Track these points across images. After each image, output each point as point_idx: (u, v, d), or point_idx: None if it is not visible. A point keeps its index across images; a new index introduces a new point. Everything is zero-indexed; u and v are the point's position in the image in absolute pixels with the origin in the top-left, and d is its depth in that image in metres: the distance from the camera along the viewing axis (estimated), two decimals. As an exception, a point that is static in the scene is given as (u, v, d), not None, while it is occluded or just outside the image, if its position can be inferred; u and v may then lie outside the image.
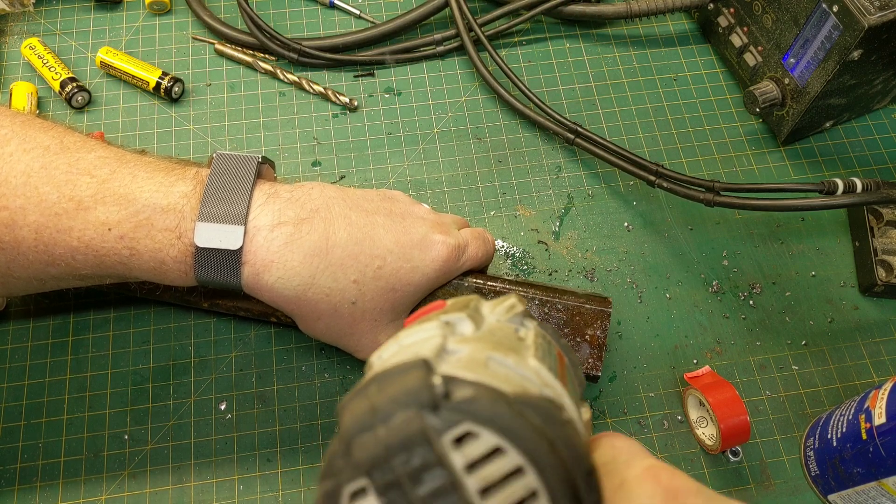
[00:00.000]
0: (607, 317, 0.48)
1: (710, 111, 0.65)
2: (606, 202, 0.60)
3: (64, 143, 0.41)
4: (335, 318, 0.43)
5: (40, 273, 0.41)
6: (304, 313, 0.43)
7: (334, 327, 0.44)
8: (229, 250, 0.40)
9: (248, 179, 0.41)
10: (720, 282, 0.57)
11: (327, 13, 0.68)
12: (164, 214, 0.40)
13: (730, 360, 0.54)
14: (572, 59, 0.67)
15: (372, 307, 0.43)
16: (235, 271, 0.40)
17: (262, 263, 0.40)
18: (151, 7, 0.67)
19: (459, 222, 0.50)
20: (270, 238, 0.40)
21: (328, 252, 0.41)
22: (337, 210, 0.43)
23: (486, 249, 0.49)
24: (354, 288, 0.42)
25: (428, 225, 0.45)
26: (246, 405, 0.52)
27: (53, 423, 0.51)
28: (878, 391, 0.44)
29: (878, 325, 0.56)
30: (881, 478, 0.43)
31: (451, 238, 0.45)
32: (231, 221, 0.40)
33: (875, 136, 0.64)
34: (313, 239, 0.41)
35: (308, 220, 0.41)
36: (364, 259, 0.42)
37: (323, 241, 0.41)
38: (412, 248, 0.44)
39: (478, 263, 0.48)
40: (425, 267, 0.44)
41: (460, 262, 0.46)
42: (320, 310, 0.43)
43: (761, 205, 0.53)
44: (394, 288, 0.43)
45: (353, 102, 0.63)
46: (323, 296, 0.42)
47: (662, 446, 0.51)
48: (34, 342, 0.53)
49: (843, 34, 0.51)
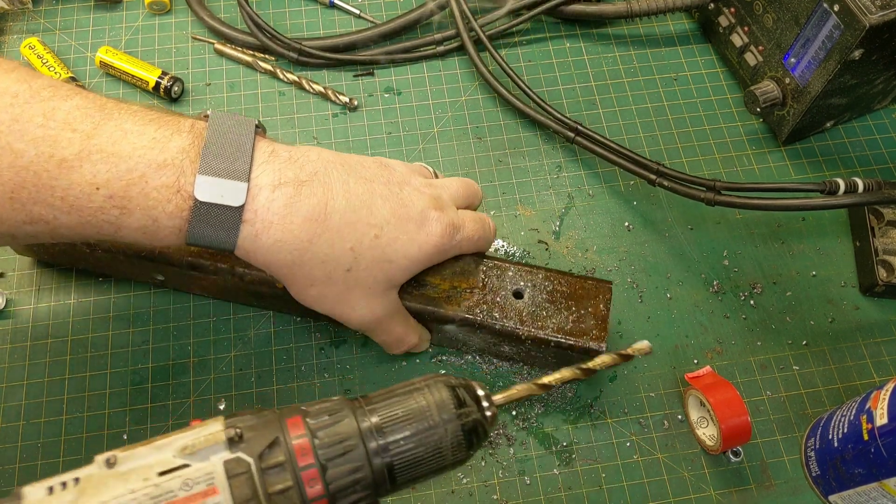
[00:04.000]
0: (608, 291, 0.50)
1: (711, 111, 0.64)
2: (607, 202, 0.60)
3: (33, 89, 0.38)
4: (329, 285, 0.42)
5: (14, 230, 0.39)
6: (298, 279, 0.42)
7: (328, 295, 0.43)
8: (231, 207, 0.38)
9: (248, 137, 0.40)
10: (721, 281, 0.57)
11: (327, 13, 0.68)
12: (160, 170, 0.38)
13: (730, 360, 0.54)
14: (572, 58, 0.67)
15: (367, 276, 0.43)
16: (233, 230, 0.39)
17: (262, 224, 0.39)
18: (151, 7, 0.66)
19: (460, 193, 0.49)
20: (272, 198, 0.39)
21: (327, 218, 0.41)
22: (335, 175, 0.42)
23: (484, 233, 0.48)
24: (350, 256, 0.42)
25: (425, 199, 0.45)
26: (245, 405, 0.52)
27: (53, 423, 0.51)
28: (879, 392, 0.44)
29: (879, 325, 0.56)
30: (882, 479, 0.43)
31: (445, 216, 0.45)
32: (233, 177, 0.38)
33: (876, 136, 0.64)
34: (312, 203, 0.40)
35: (308, 183, 0.40)
36: (361, 227, 0.42)
37: (322, 206, 0.41)
38: (408, 221, 0.43)
39: (475, 245, 0.48)
40: (421, 241, 0.44)
41: (455, 241, 0.46)
42: (314, 276, 0.42)
43: (762, 204, 0.53)
44: (389, 259, 0.43)
45: (352, 102, 0.63)
46: (318, 262, 0.41)
47: (663, 446, 0.51)
48: (33, 342, 0.53)
49: (845, 34, 0.51)
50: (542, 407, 0.52)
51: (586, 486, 0.50)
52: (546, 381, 0.38)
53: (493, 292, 0.49)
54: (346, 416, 0.33)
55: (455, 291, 0.49)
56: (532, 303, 0.49)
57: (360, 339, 0.54)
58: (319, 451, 0.32)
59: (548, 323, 0.48)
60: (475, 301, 0.49)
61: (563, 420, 0.52)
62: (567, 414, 0.52)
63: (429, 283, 0.49)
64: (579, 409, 0.52)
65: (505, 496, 0.49)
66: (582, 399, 0.53)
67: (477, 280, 0.49)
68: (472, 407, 0.35)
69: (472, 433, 0.35)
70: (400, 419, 0.33)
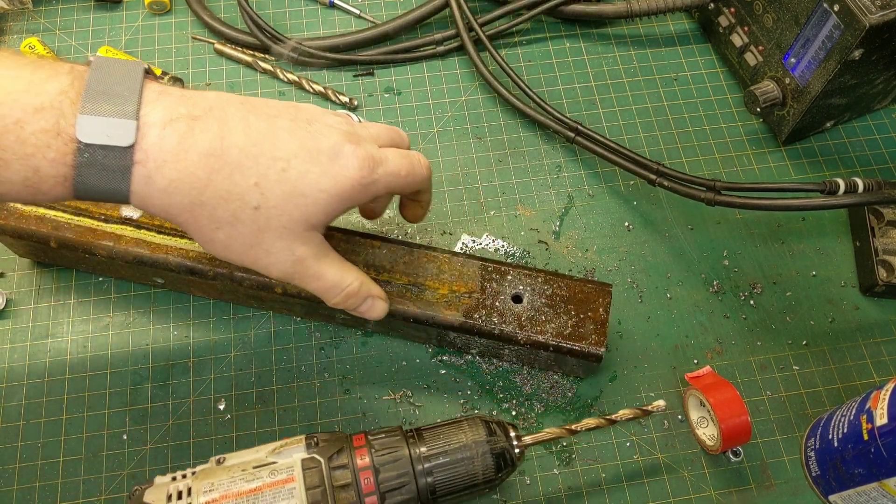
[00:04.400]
0: (608, 295, 0.49)
1: (711, 111, 0.64)
2: (607, 202, 0.60)
3: None
4: (236, 225, 0.39)
5: None
6: (202, 222, 0.39)
7: (237, 238, 0.40)
8: (119, 147, 0.36)
9: (136, 76, 0.37)
10: (721, 281, 0.57)
11: (327, 13, 0.68)
12: (37, 114, 0.35)
13: (730, 360, 0.54)
14: (572, 58, 0.67)
15: (278, 213, 0.40)
16: (125, 174, 0.36)
17: (154, 164, 0.37)
18: (151, 7, 0.66)
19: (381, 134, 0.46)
20: (163, 136, 0.37)
21: (225, 152, 0.38)
22: (233, 110, 0.39)
23: (413, 168, 0.44)
24: (256, 191, 0.39)
25: (339, 134, 0.42)
26: (245, 405, 0.52)
27: (52, 422, 0.51)
28: (879, 392, 0.44)
29: (879, 325, 0.56)
30: (882, 479, 0.43)
31: (362, 149, 0.42)
32: (120, 115, 0.36)
33: (876, 136, 0.64)
34: (208, 138, 0.38)
35: (202, 119, 0.38)
36: (265, 161, 0.39)
37: (218, 140, 0.38)
38: (320, 153, 0.40)
39: (404, 182, 0.44)
40: (336, 174, 0.40)
41: (377, 174, 0.42)
42: (218, 216, 0.39)
43: (762, 204, 0.53)
44: (303, 193, 0.40)
45: (352, 102, 0.63)
46: (221, 200, 0.38)
47: (663, 446, 0.51)
48: (33, 342, 0.53)
49: (845, 33, 0.51)
50: (542, 407, 0.52)
51: (586, 486, 0.50)
52: (574, 427, 0.45)
53: (492, 296, 0.49)
54: (398, 437, 0.43)
55: (454, 296, 0.49)
56: (531, 307, 0.49)
57: (361, 339, 0.54)
58: (375, 458, 0.41)
59: (547, 327, 0.48)
60: (474, 305, 0.49)
61: (564, 420, 0.52)
62: (567, 414, 0.52)
63: (427, 287, 0.49)
64: (579, 408, 0.52)
65: (505, 496, 0.49)
66: (582, 399, 0.53)
67: (476, 284, 0.49)
68: (501, 438, 0.43)
69: (500, 458, 0.43)
70: (442, 446, 0.42)
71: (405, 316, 0.48)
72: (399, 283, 0.49)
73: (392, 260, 0.50)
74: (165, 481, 0.41)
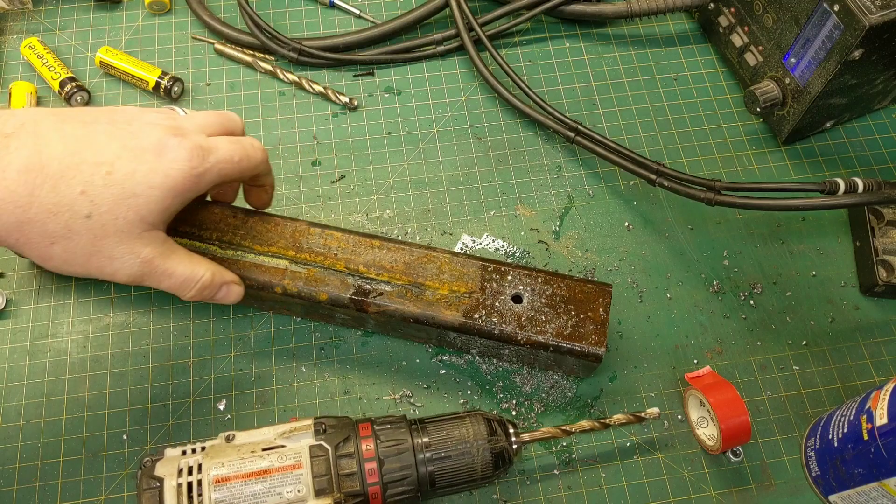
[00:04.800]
0: (608, 295, 0.49)
1: (711, 111, 0.64)
2: (607, 202, 0.60)
3: None
4: (72, 238, 0.39)
5: None
6: (34, 239, 0.39)
7: (75, 250, 0.40)
8: None
9: None
10: (721, 281, 0.57)
11: (327, 13, 0.68)
12: None
13: (730, 360, 0.54)
14: (572, 58, 0.67)
15: (113, 218, 0.39)
16: None
17: None
18: (151, 7, 0.66)
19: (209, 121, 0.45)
20: None
21: (44, 165, 0.38)
22: (47, 123, 0.39)
23: (243, 152, 0.44)
24: (84, 199, 0.38)
25: (161, 129, 0.41)
26: (245, 405, 0.52)
27: (52, 422, 0.51)
28: (879, 392, 0.44)
29: (879, 325, 0.56)
30: (882, 478, 0.43)
31: (188, 140, 0.41)
32: None
33: (876, 136, 0.64)
34: (24, 154, 0.37)
35: (15, 135, 0.38)
36: (87, 168, 0.38)
37: (36, 154, 0.38)
38: (144, 151, 0.40)
39: (238, 168, 0.44)
40: (165, 168, 0.40)
41: (209, 163, 0.42)
42: (50, 231, 0.38)
43: (762, 204, 0.53)
44: (134, 193, 0.39)
45: (353, 102, 0.63)
46: (49, 214, 0.38)
47: (663, 446, 0.51)
48: (33, 342, 0.53)
49: (845, 33, 0.51)
50: (542, 407, 0.52)
51: (586, 486, 0.50)
52: (567, 428, 0.47)
53: (492, 296, 0.49)
54: (403, 429, 0.44)
55: (454, 296, 0.49)
56: (531, 307, 0.49)
57: (361, 340, 0.54)
58: (380, 448, 0.42)
59: (547, 328, 0.48)
60: (474, 305, 0.49)
61: (564, 420, 0.52)
62: (567, 414, 0.52)
63: (427, 287, 0.49)
64: (579, 408, 0.52)
65: (505, 496, 0.49)
66: (582, 399, 0.53)
67: (476, 284, 0.49)
68: (501, 436, 0.44)
69: (499, 457, 0.44)
70: (444, 440, 0.43)
71: (405, 316, 0.48)
72: (399, 283, 0.49)
73: (392, 260, 0.50)
74: (176, 454, 0.42)
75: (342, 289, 0.48)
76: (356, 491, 0.41)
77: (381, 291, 0.48)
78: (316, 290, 0.48)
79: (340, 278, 0.49)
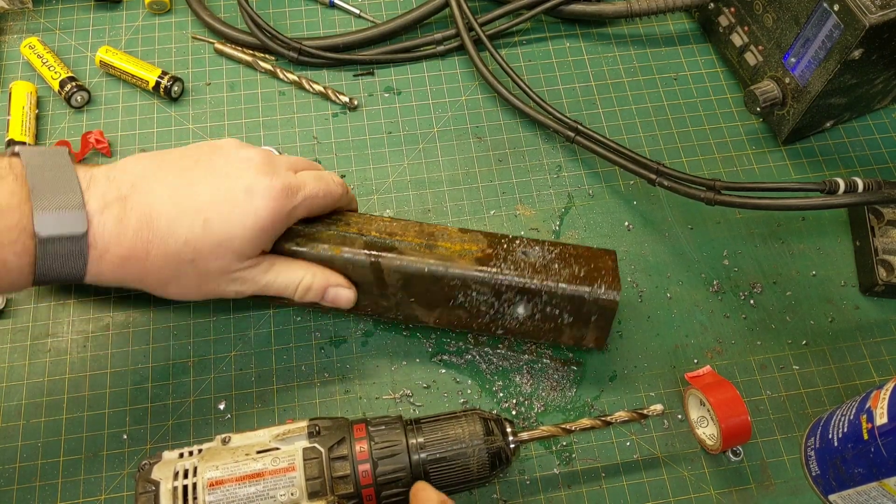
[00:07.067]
0: (614, 254, 0.50)
1: (711, 111, 0.64)
2: (607, 201, 0.60)
3: None
4: (183, 278, 0.44)
5: None
6: (152, 283, 0.44)
7: (189, 286, 0.45)
8: (75, 236, 0.40)
9: (68, 168, 0.41)
10: (721, 281, 0.57)
11: (327, 13, 0.68)
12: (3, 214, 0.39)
13: (730, 360, 0.54)
14: (572, 58, 0.67)
15: (215, 260, 0.44)
16: (81, 258, 0.41)
17: (102, 244, 0.41)
18: (151, 6, 0.66)
19: (297, 162, 0.49)
20: (103, 221, 0.41)
21: (153, 222, 0.42)
22: (154, 178, 0.43)
23: (328, 188, 0.48)
24: (188, 248, 0.43)
25: (253, 168, 0.45)
26: (245, 405, 0.52)
27: (52, 422, 0.51)
28: (879, 391, 0.44)
29: (879, 324, 0.56)
30: (882, 478, 0.43)
31: (277, 180, 0.45)
32: (70, 207, 0.40)
33: (876, 136, 0.64)
34: (138, 214, 0.42)
35: (129, 197, 0.42)
36: (188, 219, 0.43)
37: (147, 213, 0.42)
38: (237, 193, 0.44)
39: (321, 203, 0.48)
40: (257, 210, 0.44)
41: (295, 202, 0.46)
42: (164, 277, 0.44)
43: (762, 204, 0.53)
44: (230, 236, 0.44)
45: (353, 102, 0.63)
46: (162, 265, 0.43)
47: (663, 446, 0.51)
48: (32, 341, 0.53)
49: (845, 33, 0.51)
50: (542, 406, 0.52)
51: (586, 485, 0.50)
52: (568, 426, 0.46)
53: (504, 252, 0.49)
54: (398, 429, 0.43)
55: (467, 252, 0.49)
56: (543, 259, 0.49)
57: (361, 339, 0.54)
58: (374, 450, 0.42)
59: (561, 273, 0.48)
60: (487, 257, 0.49)
61: (564, 419, 0.52)
62: (567, 413, 0.52)
63: (439, 246, 0.49)
64: (579, 408, 0.52)
65: (505, 495, 0.49)
66: (582, 398, 0.53)
67: (486, 245, 0.49)
68: (498, 436, 0.44)
69: (496, 457, 0.44)
70: (439, 440, 0.43)
71: (419, 271, 0.48)
72: (412, 242, 0.49)
73: (403, 227, 0.50)
74: (173, 457, 0.42)
75: (358, 245, 0.49)
76: (350, 493, 0.41)
77: (395, 247, 0.49)
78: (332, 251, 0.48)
79: (353, 239, 0.49)
